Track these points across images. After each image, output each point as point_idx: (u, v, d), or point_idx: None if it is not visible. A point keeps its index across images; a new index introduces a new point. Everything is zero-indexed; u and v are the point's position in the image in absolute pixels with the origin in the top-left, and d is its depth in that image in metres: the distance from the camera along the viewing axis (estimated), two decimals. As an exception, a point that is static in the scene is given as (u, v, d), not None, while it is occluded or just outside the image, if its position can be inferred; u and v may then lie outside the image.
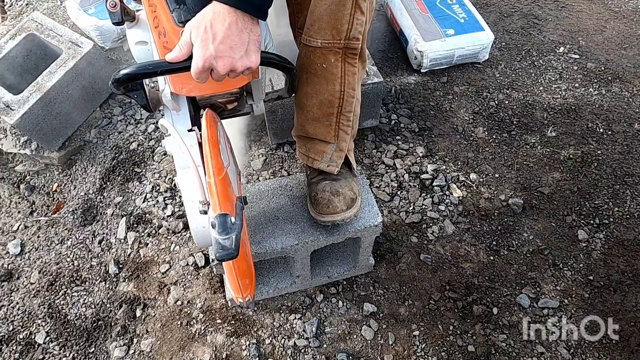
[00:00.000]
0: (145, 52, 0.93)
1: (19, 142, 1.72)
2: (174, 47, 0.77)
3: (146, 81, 0.89)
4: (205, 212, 0.81)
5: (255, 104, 1.04)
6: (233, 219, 0.75)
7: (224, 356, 1.30)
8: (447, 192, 1.61)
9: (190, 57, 0.76)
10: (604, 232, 1.51)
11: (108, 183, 1.70)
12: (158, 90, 0.93)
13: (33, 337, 1.37)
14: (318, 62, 1.06)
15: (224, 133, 0.99)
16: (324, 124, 1.14)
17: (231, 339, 1.32)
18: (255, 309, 1.37)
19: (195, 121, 0.93)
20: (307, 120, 1.16)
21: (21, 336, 1.38)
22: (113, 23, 0.85)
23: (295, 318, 1.35)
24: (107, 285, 1.46)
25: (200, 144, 0.88)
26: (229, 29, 0.75)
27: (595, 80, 1.96)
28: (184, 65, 0.76)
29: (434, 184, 1.62)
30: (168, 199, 1.62)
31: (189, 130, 0.90)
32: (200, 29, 0.75)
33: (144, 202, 1.62)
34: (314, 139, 1.17)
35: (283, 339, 1.32)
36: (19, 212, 1.66)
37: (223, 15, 0.75)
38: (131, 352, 1.33)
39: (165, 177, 1.68)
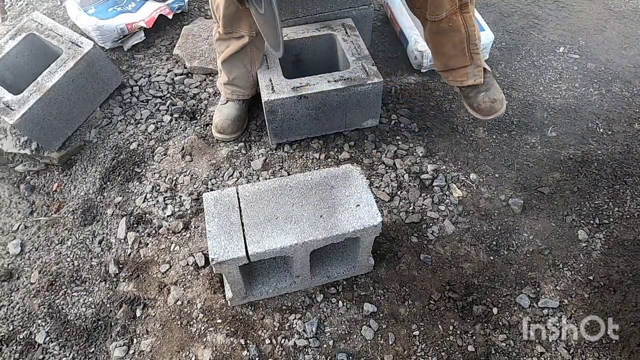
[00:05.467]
0: None
1: (19, 142, 1.72)
2: None
3: None
4: None
5: None
6: None
7: (224, 356, 1.30)
8: (447, 192, 1.61)
9: None
10: (604, 232, 1.51)
11: (108, 183, 1.70)
12: None
13: (33, 337, 1.37)
14: (445, 24, 1.45)
15: None
16: (460, 56, 1.53)
17: (231, 339, 1.32)
18: (255, 309, 1.38)
19: None
20: (447, 59, 1.56)
21: (21, 336, 1.38)
22: None
23: (295, 318, 1.35)
24: (107, 285, 1.46)
25: None
26: None
27: (595, 80, 1.96)
28: None
29: (434, 184, 1.62)
30: (168, 199, 1.62)
31: None
32: None
33: (144, 202, 1.62)
34: (456, 68, 1.57)
35: (283, 339, 1.32)
36: (19, 212, 1.66)
37: None
38: (131, 352, 1.33)
39: (165, 177, 1.68)
